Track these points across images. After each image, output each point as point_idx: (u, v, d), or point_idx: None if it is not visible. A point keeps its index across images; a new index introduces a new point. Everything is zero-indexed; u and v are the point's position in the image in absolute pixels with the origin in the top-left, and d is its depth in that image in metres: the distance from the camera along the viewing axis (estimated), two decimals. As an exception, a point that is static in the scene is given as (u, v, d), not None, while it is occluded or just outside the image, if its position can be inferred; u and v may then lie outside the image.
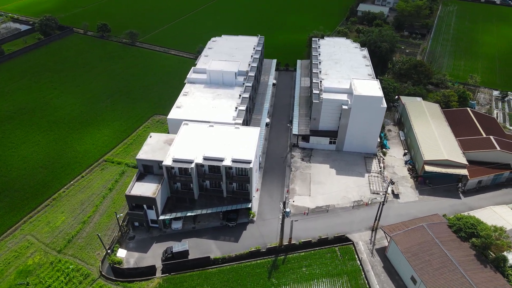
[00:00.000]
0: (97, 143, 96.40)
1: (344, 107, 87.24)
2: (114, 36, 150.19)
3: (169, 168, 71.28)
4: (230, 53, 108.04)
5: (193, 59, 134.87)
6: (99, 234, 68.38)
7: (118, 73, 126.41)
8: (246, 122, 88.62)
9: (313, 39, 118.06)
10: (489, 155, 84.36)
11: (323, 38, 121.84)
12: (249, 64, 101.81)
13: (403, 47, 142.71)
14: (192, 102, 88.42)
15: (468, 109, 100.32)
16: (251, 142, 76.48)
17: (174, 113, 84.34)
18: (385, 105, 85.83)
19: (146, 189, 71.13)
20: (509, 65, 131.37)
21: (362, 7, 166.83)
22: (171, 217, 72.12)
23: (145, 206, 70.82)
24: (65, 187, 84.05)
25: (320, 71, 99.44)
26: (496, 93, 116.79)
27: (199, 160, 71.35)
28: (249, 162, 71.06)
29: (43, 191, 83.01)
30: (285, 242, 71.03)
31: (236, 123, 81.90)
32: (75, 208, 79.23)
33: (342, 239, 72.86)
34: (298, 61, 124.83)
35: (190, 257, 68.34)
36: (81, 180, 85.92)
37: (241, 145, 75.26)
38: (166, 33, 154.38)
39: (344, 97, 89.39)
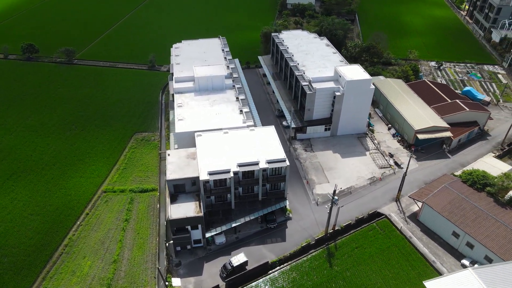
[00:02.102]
0: (86, 175, 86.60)
1: (337, 93, 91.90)
2: (44, 56, 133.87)
3: (204, 182, 68.09)
4: (201, 58, 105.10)
5: (147, 70, 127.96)
6: (141, 268, 62.81)
7: (70, 97, 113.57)
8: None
9: (273, 34, 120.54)
10: (460, 116, 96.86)
11: (278, 32, 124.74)
12: (228, 66, 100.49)
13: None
14: (192, 112, 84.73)
15: (426, 80, 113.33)
16: (273, 140, 76.73)
17: (180, 127, 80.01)
18: (373, 86, 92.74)
19: (186, 209, 67.05)
20: (433, 38, 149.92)
21: (291, 0, 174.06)
22: (216, 232, 69.30)
23: (189, 228, 66.76)
24: (73, 230, 74.43)
25: (298, 63, 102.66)
26: (432, 63, 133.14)
27: (234, 168, 69.48)
28: (284, 161, 71.43)
29: (48, 240, 72.39)
30: (329, 230, 73.43)
31: (248, 126, 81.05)
32: (97, 249, 70.90)
33: (375, 215, 77.87)
34: (260, 58, 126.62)
35: (248, 267, 66.73)
36: (88, 218, 76.82)
37: (266, 145, 75.11)
38: (103, 46, 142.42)
39: (332, 84, 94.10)
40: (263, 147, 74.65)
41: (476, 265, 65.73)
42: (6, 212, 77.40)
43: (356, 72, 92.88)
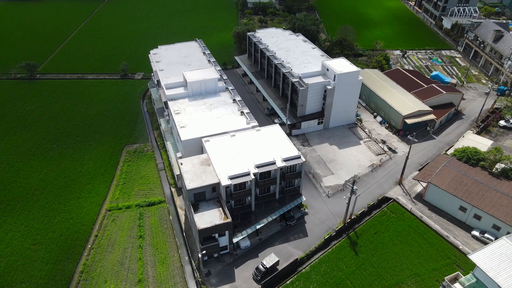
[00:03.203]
0: (83, 195, 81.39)
1: (328, 87, 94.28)
2: (1, 73, 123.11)
3: (225, 188, 66.98)
4: (184, 62, 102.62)
5: (120, 79, 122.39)
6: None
7: (41, 114, 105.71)
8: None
9: (248, 33, 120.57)
10: (438, 99, 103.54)
11: (253, 31, 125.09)
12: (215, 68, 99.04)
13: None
14: (192, 118, 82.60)
15: (399, 68, 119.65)
16: (282, 138, 77.22)
17: (186, 134, 77.69)
18: (361, 77, 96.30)
19: (211, 217, 65.51)
20: (391, 28, 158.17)
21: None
22: (243, 236, 68.46)
23: (216, 235, 65.38)
24: (85, 255, 69.72)
25: (282, 61, 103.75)
26: (397, 52, 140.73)
27: (253, 170, 69.04)
28: (299, 157, 72.20)
29: (60, 269, 67.28)
30: (347, 220, 75.51)
31: (253, 126, 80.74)
32: (117, 271, 67.08)
33: (384, 200, 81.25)
34: (237, 58, 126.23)
35: (279, 266, 66.78)
36: (99, 240, 72.34)
37: (276, 144, 75.41)
38: (65, 58, 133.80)
39: (321, 78, 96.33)
40: (274, 146, 74.86)
41: (486, 234, 71.12)
42: (3, 246, 70.66)
43: (343, 65, 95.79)
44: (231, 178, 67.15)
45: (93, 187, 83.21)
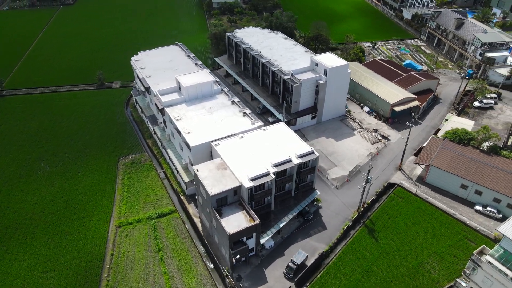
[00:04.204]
0: (87, 214, 77.10)
1: (320, 82, 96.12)
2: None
3: (248, 189, 66.46)
4: (171, 67, 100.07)
5: (97, 89, 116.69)
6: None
7: (18, 132, 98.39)
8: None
9: (228, 34, 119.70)
10: (418, 86, 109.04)
11: (231, 32, 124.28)
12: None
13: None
14: (195, 123, 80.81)
15: (376, 59, 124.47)
16: (291, 135, 77.93)
17: (194, 140, 75.81)
18: (350, 70, 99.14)
19: (237, 220, 64.70)
20: (356, 22, 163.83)
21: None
22: (268, 236, 68.30)
23: (244, 238, 64.71)
24: (105, 276, 66.12)
25: (269, 59, 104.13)
26: (367, 44, 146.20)
27: (271, 169, 69.03)
28: (312, 152, 73.20)
29: (80, 294, 63.37)
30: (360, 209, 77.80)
31: (259, 126, 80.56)
32: (143, 287, 64.29)
33: (388, 186, 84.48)
34: (217, 59, 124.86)
35: (307, 262, 67.53)
36: (116, 259, 68.92)
37: (287, 141, 76.00)
38: (31, 70, 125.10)
39: (311, 74, 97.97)
40: (285, 143, 75.32)
41: (488, 208, 76.44)
42: (11, 277, 65.24)
43: (332, 60, 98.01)
44: (253, 179, 66.74)
45: (96, 204, 78.98)
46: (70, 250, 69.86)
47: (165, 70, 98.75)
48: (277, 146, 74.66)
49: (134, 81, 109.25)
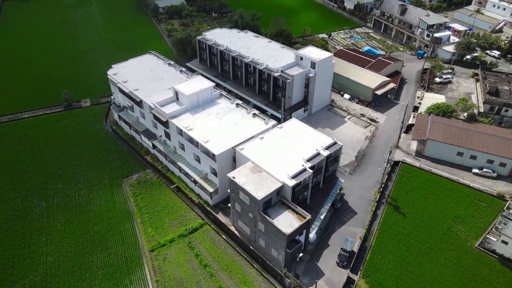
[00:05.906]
0: (111, 244, 70.79)
1: (310, 75, 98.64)
2: None
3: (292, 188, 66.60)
4: (156, 77, 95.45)
5: (65, 111, 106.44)
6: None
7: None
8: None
9: (198, 37, 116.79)
10: (388, 70, 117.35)
11: (199, 36, 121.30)
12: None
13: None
14: (208, 131, 78.20)
15: (341, 48, 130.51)
16: (308, 130, 79.26)
17: (217, 147, 73.38)
18: (334, 61, 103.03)
19: (288, 220, 64.55)
20: (306, 15, 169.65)
21: (162, 3, 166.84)
22: (314, 230, 69.20)
23: (297, 236, 64.83)
24: (157, 304, 61.73)
25: (252, 58, 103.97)
26: (323, 35, 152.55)
27: (306, 164, 69.81)
28: (336, 142, 75.39)
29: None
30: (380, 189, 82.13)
31: (273, 125, 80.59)
32: (204, 307, 61.33)
33: (393, 164, 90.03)
34: (189, 64, 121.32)
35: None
36: (162, 284, 64.49)
37: (306, 135, 77.25)
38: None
39: (298, 68, 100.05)
40: (306, 138, 76.48)
41: (484, 169, 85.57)
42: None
43: (316, 52, 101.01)
44: (293, 177, 66.94)
45: (117, 232, 72.91)
46: (108, 285, 63.77)
47: (151, 80, 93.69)
48: (299, 141, 75.54)
49: (113, 97, 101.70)
